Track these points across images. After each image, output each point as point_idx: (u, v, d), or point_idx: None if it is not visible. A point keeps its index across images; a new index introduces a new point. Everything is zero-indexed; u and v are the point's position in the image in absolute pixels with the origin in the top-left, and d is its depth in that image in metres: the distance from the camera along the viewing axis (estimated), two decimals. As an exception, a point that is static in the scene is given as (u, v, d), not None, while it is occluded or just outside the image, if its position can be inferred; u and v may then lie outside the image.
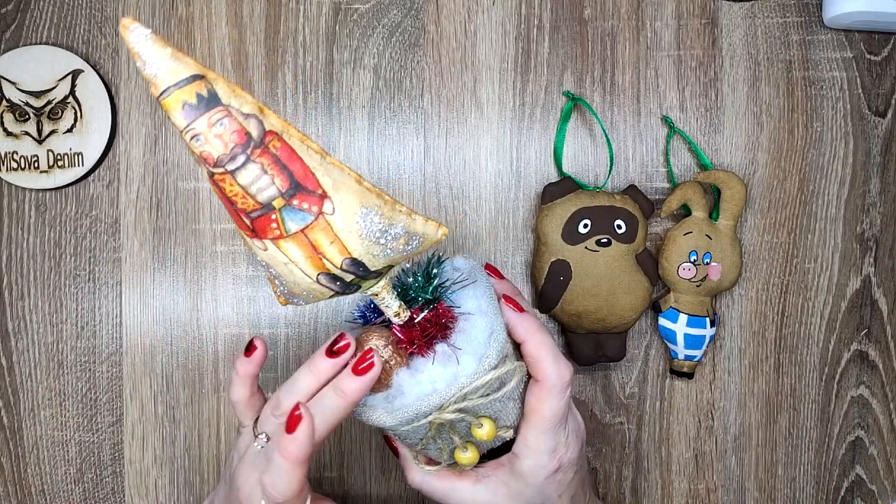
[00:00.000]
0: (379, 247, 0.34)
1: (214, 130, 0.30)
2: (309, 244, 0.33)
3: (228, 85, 0.30)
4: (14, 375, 0.55)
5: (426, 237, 0.36)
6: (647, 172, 0.56)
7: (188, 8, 0.55)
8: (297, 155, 0.31)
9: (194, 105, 0.29)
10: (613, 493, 0.57)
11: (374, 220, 0.33)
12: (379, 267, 0.35)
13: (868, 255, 0.57)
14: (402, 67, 0.56)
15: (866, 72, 0.57)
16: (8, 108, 0.54)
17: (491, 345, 0.38)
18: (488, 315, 0.39)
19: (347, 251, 0.33)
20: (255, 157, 0.30)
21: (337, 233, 0.33)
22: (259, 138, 0.30)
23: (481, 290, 0.41)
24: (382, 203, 0.33)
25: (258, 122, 0.30)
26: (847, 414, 0.57)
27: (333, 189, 0.32)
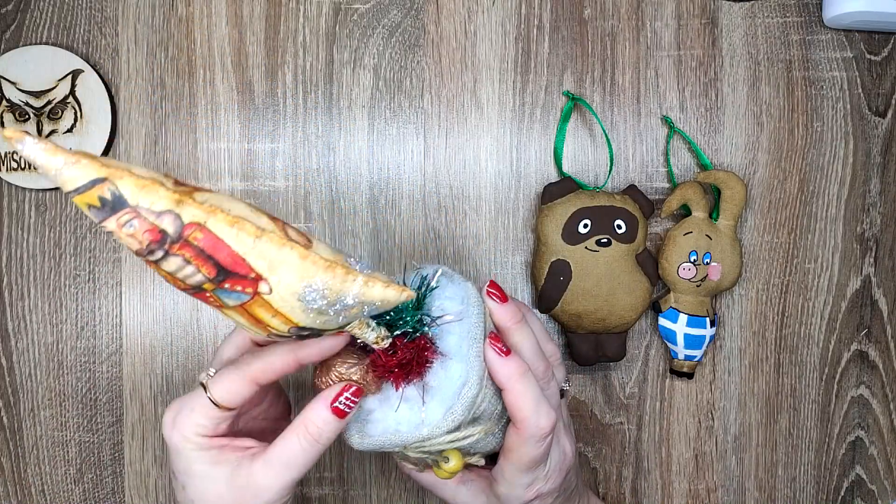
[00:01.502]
0: (326, 317, 0.32)
1: (125, 230, 0.29)
2: (251, 316, 0.32)
3: (137, 182, 0.28)
4: (14, 375, 0.55)
5: (386, 302, 0.34)
6: (647, 172, 0.56)
7: (188, 8, 0.55)
8: (223, 243, 0.30)
9: (99, 209, 0.28)
10: (613, 493, 0.57)
11: (319, 294, 0.31)
12: (333, 328, 0.34)
13: (868, 255, 0.57)
14: (402, 67, 0.56)
15: (866, 72, 0.57)
16: (8, 108, 0.54)
17: (460, 398, 0.37)
18: (467, 362, 0.38)
19: (293, 321, 0.32)
20: (175, 251, 0.29)
21: (278, 309, 0.31)
22: (176, 234, 0.29)
23: (466, 330, 0.39)
24: (331, 277, 0.31)
25: (174, 218, 0.29)
26: (847, 414, 0.57)
27: (269, 270, 0.30)
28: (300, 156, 0.55)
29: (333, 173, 0.56)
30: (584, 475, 0.57)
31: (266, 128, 0.55)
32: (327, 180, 0.56)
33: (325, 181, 0.56)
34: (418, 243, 0.56)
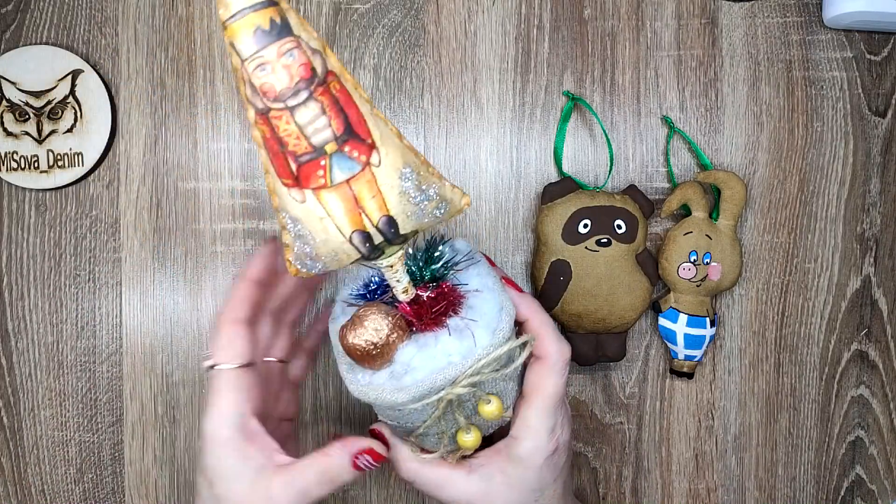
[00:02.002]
0: (413, 206, 0.33)
1: (283, 60, 0.29)
2: (352, 196, 0.32)
3: (299, 17, 0.29)
4: (14, 375, 0.55)
5: (452, 204, 0.35)
6: (647, 172, 0.56)
7: (188, 8, 0.55)
8: (352, 100, 0.30)
9: (267, 31, 0.28)
10: (613, 493, 0.57)
11: (412, 178, 0.33)
12: (408, 230, 0.35)
13: (868, 255, 0.57)
14: (402, 67, 0.56)
15: (866, 72, 0.57)
16: (8, 108, 0.54)
17: (503, 318, 0.39)
18: (495, 291, 0.40)
19: (386, 208, 0.33)
20: (317, 96, 0.30)
21: (380, 186, 0.32)
22: (323, 76, 0.30)
23: (485, 269, 0.42)
24: (419, 163, 0.33)
25: (322, 60, 0.30)
26: (847, 414, 0.58)
27: (381, 141, 0.31)
28: (300, 156, 0.55)
29: (333, 173, 0.56)
30: (584, 475, 0.57)
31: (266, 128, 0.55)
32: (327, 180, 0.56)
33: (325, 181, 0.56)
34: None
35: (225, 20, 0.28)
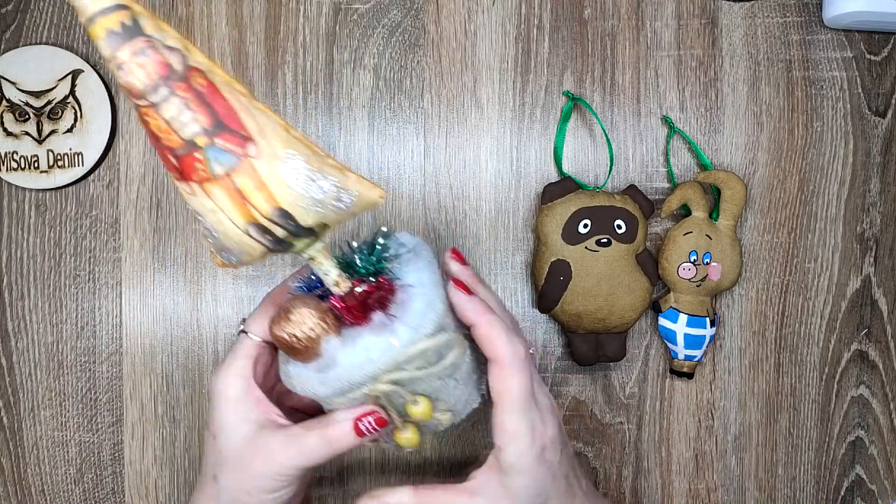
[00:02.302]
0: (307, 198, 0.33)
1: (136, 60, 0.30)
2: (235, 190, 0.32)
3: (153, 19, 0.30)
4: (14, 375, 0.55)
5: (361, 197, 0.35)
6: (647, 172, 0.56)
7: (188, 8, 0.55)
8: (221, 94, 0.31)
9: (119, 33, 0.30)
10: (613, 493, 0.57)
11: (300, 167, 0.33)
12: (310, 223, 0.34)
13: (868, 255, 0.57)
14: (402, 67, 0.56)
15: (866, 72, 0.57)
16: (8, 108, 0.54)
17: (427, 315, 0.38)
18: (427, 287, 0.39)
19: (275, 199, 0.33)
20: (178, 91, 0.31)
21: (263, 178, 0.32)
22: (182, 72, 0.31)
23: (423, 264, 0.40)
24: (311, 153, 0.33)
25: (181, 57, 0.31)
26: (847, 414, 0.58)
27: (259, 132, 0.32)
28: (300, 156, 0.55)
29: (333, 173, 0.56)
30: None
31: (266, 128, 0.55)
32: (327, 180, 0.56)
33: (325, 181, 0.56)
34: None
35: (84, 25, 0.30)
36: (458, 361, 0.40)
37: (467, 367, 0.41)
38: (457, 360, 0.40)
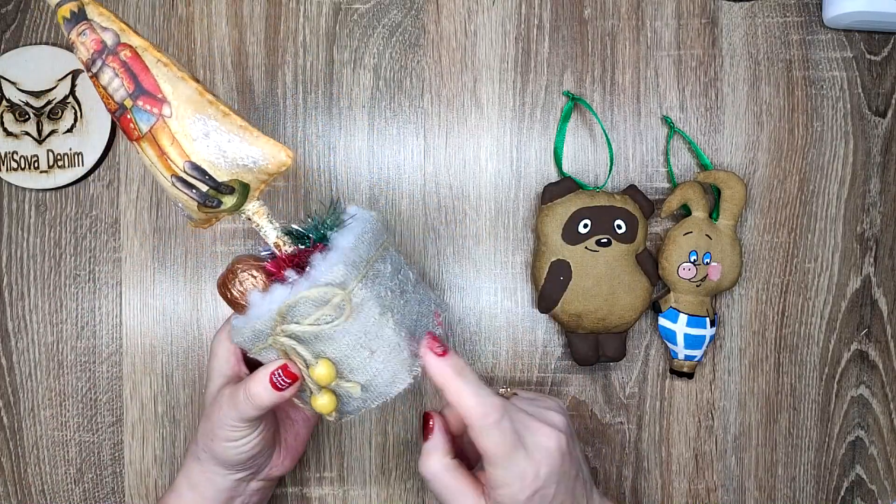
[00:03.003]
0: (216, 154, 0.38)
1: (81, 39, 0.38)
2: (157, 146, 0.38)
3: (95, 6, 0.38)
4: (14, 375, 0.55)
5: (268, 156, 0.39)
6: (647, 172, 0.56)
7: (188, 8, 0.55)
8: (144, 64, 0.38)
9: (69, 19, 0.38)
10: (613, 493, 0.57)
11: (207, 125, 0.38)
12: (224, 178, 0.39)
13: (868, 254, 0.57)
14: (402, 67, 0.56)
15: (866, 72, 0.57)
16: (8, 108, 0.54)
17: (329, 270, 0.38)
18: (342, 250, 0.39)
19: (186, 154, 0.38)
20: (108, 62, 0.38)
21: (174, 134, 0.38)
22: (112, 47, 0.38)
23: (355, 231, 0.41)
24: (218, 113, 0.38)
25: (114, 35, 0.38)
26: (847, 414, 0.57)
27: (173, 95, 0.38)
28: (300, 156, 0.55)
29: (333, 173, 0.56)
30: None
31: (266, 128, 0.55)
32: (327, 180, 0.56)
33: (325, 181, 0.56)
34: (418, 243, 0.56)
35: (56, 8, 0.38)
36: (370, 329, 0.40)
37: (388, 341, 0.40)
38: (368, 328, 0.40)
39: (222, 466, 0.45)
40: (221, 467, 0.45)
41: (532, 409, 0.45)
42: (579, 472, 0.45)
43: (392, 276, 0.42)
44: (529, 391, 0.49)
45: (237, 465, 0.45)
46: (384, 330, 0.40)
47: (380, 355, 0.40)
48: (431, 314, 0.44)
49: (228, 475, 0.45)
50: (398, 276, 0.42)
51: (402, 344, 0.41)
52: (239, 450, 0.44)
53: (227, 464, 0.44)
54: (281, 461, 0.48)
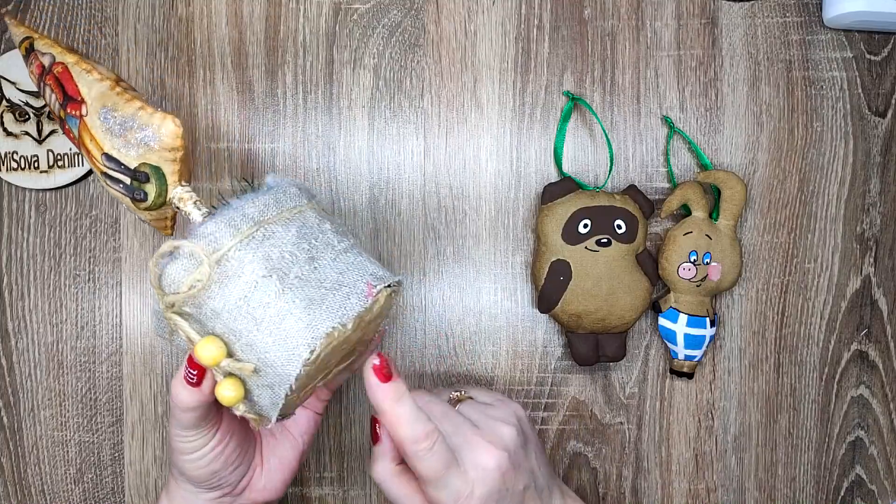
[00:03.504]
0: (119, 139, 0.39)
1: (30, 69, 0.43)
2: (85, 146, 0.41)
3: (41, 38, 0.42)
4: (14, 375, 0.55)
5: (159, 129, 0.39)
6: (647, 172, 0.56)
7: (188, 8, 0.55)
8: (71, 75, 0.41)
9: (25, 55, 0.43)
10: (613, 493, 0.57)
11: (110, 114, 0.39)
12: (134, 164, 0.39)
13: (868, 255, 0.57)
14: (402, 67, 0.56)
15: (866, 72, 0.57)
16: (8, 108, 0.54)
17: (212, 235, 0.36)
18: (221, 212, 0.37)
19: (100, 146, 0.40)
20: (47, 81, 0.42)
21: (91, 130, 0.40)
22: (48, 67, 0.41)
23: (254, 195, 0.38)
24: (120, 100, 0.39)
25: (51, 58, 0.41)
26: (847, 414, 0.57)
27: (87, 94, 0.40)
28: (300, 156, 0.55)
29: (333, 173, 0.56)
30: (584, 475, 0.57)
31: (266, 128, 0.55)
32: (327, 180, 0.56)
33: (325, 181, 0.56)
34: (418, 243, 0.56)
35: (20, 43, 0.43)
36: (251, 295, 0.35)
37: (276, 309, 0.35)
38: (248, 293, 0.35)
39: (191, 483, 0.43)
40: (190, 484, 0.44)
41: (481, 419, 0.44)
42: (531, 485, 0.44)
43: (297, 241, 0.37)
44: (488, 393, 0.48)
45: (203, 483, 0.43)
46: (267, 296, 0.35)
47: (267, 326, 0.35)
48: (362, 286, 0.38)
49: (200, 494, 0.44)
50: (310, 242, 0.38)
51: (295, 313, 0.35)
52: (196, 463, 0.42)
53: (192, 480, 0.43)
54: (263, 485, 0.46)
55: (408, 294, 0.56)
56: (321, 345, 0.35)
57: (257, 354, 0.36)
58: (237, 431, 0.44)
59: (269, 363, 0.36)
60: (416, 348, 0.56)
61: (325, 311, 0.36)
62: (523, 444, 0.44)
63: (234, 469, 0.44)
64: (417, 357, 0.56)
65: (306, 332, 0.35)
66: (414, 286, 0.56)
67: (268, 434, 0.47)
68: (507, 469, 0.42)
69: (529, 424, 0.47)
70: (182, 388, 0.39)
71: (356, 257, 0.39)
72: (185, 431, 0.41)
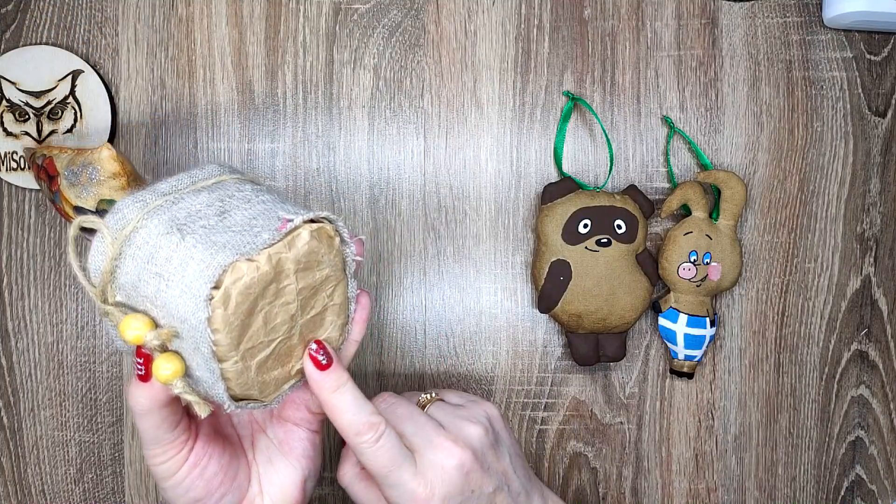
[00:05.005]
0: (77, 188, 0.46)
1: (34, 174, 0.49)
2: (65, 212, 0.48)
3: (40, 148, 0.49)
4: (14, 375, 0.55)
5: (96, 160, 0.46)
6: (647, 172, 0.56)
7: (188, 8, 0.55)
8: (52, 161, 0.47)
9: (32, 168, 0.50)
10: (613, 493, 0.57)
11: (70, 169, 0.46)
12: (91, 205, 0.46)
13: (868, 254, 0.57)
14: (402, 67, 0.56)
15: (866, 72, 0.57)
16: (8, 108, 0.54)
17: (121, 209, 0.34)
18: (147, 190, 0.36)
19: (70, 202, 0.47)
20: (40, 176, 0.49)
21: (63, 193, 0.47)
22: (41, 164, 0.48)
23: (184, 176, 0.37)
24: (76, 157, 0.46)
25: (44, 158, 0.48)
26: (847, 414, 0.58)
27: (59, 168, 0.47)
28: (300, 156, 0.55)
29: (333, 173, 0.56)
30: (584, 475, 0.57)
31: (266, 128, 0.55)
32: (327, 180, 0.56)
33: (325, 181, 0.56)
34: (418, 243, 0.56)
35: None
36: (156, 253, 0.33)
37: (180, 261, 0.33)
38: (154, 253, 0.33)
39: None
40: None
41: (448, 419, 0.42)
42: (502, 487, 0.42)
43: (209, 202, 0.35)
44: (461, 394, 0.47)
45: None
46: (168, 250, 0.33)
47: (172, 280, 0.33)
48: (276, 223, 0.35)
49: None
50: (223, 201, 0.36)
51: (196, 256, 0.32)
52: (175, 491, 0.39)
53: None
54: None
55: (408, 294, 0.56)
56: (227, 281, 0.32)
57: (172, 313, 0.33)
58: (217, 454, 0.40)
59: (183, 317, 0.33)
60: (417, 348, 0.56)
61: (230, 249, 0.33)
62: (493, 445, 0.43)
63: (220, 498, 0.40)
64: (418, 357, 0.56)
65: (206, 270, 0.32)
66: (414, 286, 0.56)
67: (264, 461, 0.42)
68: (471, 469, 0.40)
69: (504, 426, 0.45)
70: (135, 389, 0.36)
71: (277, 203, 0.37)
72: (153, 448, 0.37)
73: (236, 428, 0.43)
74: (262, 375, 0.36)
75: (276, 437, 0.42)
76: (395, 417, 0.41)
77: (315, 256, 0.36)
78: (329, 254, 0.37)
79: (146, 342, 0.33)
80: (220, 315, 0.32)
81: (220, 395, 0.35)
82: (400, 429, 0.41)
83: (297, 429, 0.42)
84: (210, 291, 0.32)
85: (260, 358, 0.36)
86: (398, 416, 0.42)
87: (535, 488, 0.45)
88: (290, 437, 0.42)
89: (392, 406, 0.43)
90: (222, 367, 0.34)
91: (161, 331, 0.33)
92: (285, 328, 0.36)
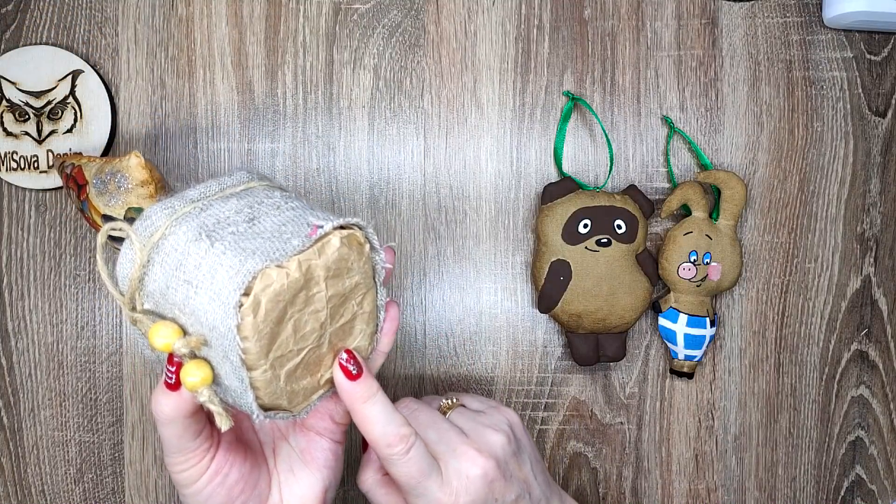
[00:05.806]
0: (105, 196, 0.47)
1: (64, 184, 0.50)
2: (94, 221, 0.48)
3: (69, 158, 0.50)
4: (14, 375, 0.55)
5: (126, 168, 0.46)
6: (647, 172, 0.56)
7: (188, 8, 0.55)
8: (81, 170, 0.48)
9: (61, 177, 0.51)
10: (613, 493, 0.57)
11: (98, 177, 0.46)
12: (121, 213, 0.46)
13: (868, 255, 0.57)
14: (402, 67, 0.56)
15: (866, 72, 0.57)
16: (8, 108, 0.54)
17: (150, 216, 0.34)
18: (176, 196, 0.35)
19: (98, 210, 0.47)
20: (69, 185, 0.49)
21: (92, 201, 0.47)
22: (70, 173, 0.49)
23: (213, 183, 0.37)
24: (104, 165, 0.47)
25: (72, 166, 0.49)
26: (847, 414, 0.58)
27: (88, 177, 0.48)
28: (300, 156, 0.55)
29: (333, 173, 0.56)
30: (584, 475, 0.57)
31: (266, 128, 0.55)
32: (327, 180, 0.56)
33: (325, 181, 0.56)
34: (418, 243, 0.56)
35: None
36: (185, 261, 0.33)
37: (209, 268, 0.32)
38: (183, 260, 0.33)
39: None
40: None
41: (470, 426, 0.42)
42: (524, 495, 0.42)
43: (238, 208, 0.35)
44: (481, 399, 0.47)
45: None
46: (198, 256, 0.32)
47: (202, 286, 0.32)
48: (306, 228, 0.35)
49: None
50: (252, 207, 0.35)
51: (226, 263, 0.32)
52: (196, 498, 0.38)
53: None
54: None
55: (408, 294, 0.56)
56: (257, 288, 0.32)
57: (201, 321, 0.32)
58: (238, 463, 0.39)
59: (212, 325, 0.32)
60: (417, 349, 0.56)
61: (260, 255, 0.32)
62: (515, 453, 0.43)
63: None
64: (418, 357, 0.56)
65: (236, 277, 0.31)
66: (414, 286, 0.56)
67: (285, 470, 0.41)
68: (494, 478, 0.40)
69: (525, 432, 0.45)
70: (161, 396, 0.35)
71: (307, 210, 0.36)
72: (176, 456, 0.37)
73: (258, 434, 0.42)
74: (292, 385, 0.36)
75: (297, 446, 0.42)
76: (418, 424, 0.41)
77: (345, 263, 0.35)
78: (359, 261, 0.36)
79: (175, 350, 0.33)
80: (249, 322, 0.32)
81: (250, 405, 0.34)
82: (423, 436, 0.41)
83: (319, 438, 0.41)
84: (240, 298, 0.31)
85: (289, 367, 0.35)
86: (421, 423, 0.42)
87: (555, 493, 0.46)
88: (312, 447, 0.41)
89: (414, 412, 0.43)
90: (251, 376, 0.33)
91: (190, 338, 0.32)
92: (315, 336, 0.36)
